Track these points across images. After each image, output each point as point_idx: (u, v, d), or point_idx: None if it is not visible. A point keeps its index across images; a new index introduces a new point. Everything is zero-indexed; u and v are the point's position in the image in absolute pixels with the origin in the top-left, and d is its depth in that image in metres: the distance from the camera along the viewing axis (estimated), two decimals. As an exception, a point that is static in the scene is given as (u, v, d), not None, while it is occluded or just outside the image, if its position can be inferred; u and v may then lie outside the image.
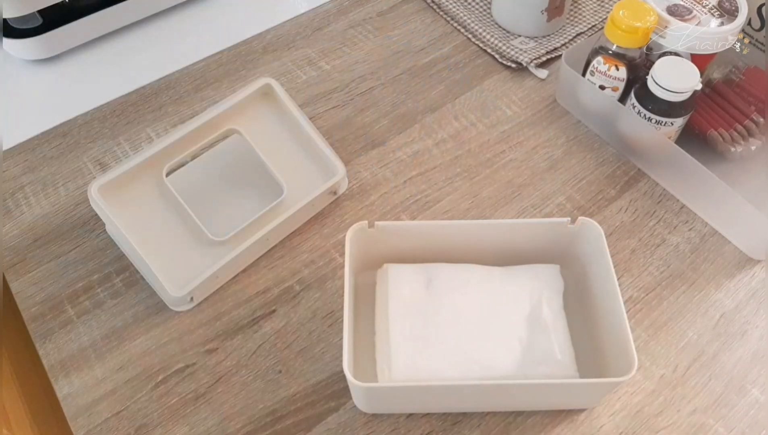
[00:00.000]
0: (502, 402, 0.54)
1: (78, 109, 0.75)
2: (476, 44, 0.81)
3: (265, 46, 0.81)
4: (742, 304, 0.61)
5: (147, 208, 0.59)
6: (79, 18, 0.77)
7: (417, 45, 0.81)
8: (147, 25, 0.83)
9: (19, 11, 0.72)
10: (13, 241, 0.64)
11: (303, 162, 0.65)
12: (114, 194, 0.58)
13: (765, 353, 0.58)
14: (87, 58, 0.80)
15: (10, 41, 0.75)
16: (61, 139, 0.72)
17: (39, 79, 0.78)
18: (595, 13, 0.84)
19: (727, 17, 0.64)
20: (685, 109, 0.63)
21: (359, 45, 0.81)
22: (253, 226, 0.60)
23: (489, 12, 0.84)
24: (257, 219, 0.60)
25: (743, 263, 0.63)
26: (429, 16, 0.84)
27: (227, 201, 0.64)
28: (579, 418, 0.54)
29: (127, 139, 0.72)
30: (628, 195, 0.68)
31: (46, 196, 0.67)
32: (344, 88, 0.77)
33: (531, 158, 0.71)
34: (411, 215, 0.66)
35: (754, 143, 0.67)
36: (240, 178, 0.65)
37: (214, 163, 0.66)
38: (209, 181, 0.65)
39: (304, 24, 0.83)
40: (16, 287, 0.61)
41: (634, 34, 0.63)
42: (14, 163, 0.70)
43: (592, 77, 0.69)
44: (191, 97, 0.76)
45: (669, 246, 0.64)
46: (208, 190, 0.64)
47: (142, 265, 0.58)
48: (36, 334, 0.59)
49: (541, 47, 0.79)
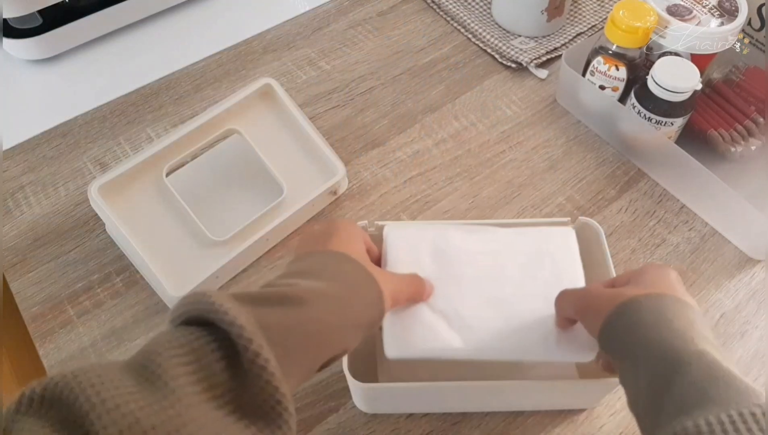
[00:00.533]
0: (502, 402, 0.54)
1: (78, 109, 0.75)
2: (476, 44, 0.81)
3: (265, 46, 0.81)
4: (742, 304, 0.61)
5: (147, 208, 0.59)
6: (79, 18, 0.77)
7: (417, 45, 0.81)
8: (147, 25, 0.83)
9: (19, 11, 0.72)
10: (13, 241, 0.64)
11: (303, 162, 0.65)
12: (114, 194, 0.58)
13: (765, 353, 0.58)
14: (87, 58, 0.80)
15: (10, 41, 0.75)
16: (61, 139, 0.72)
17: (39, 79, 0.78)
18: (595, 13, 0.84)
19: (727, 17, 0.64)
20: (685, 109, 0.63)
21: (359, 45, 0.81)
22: (253, 226, 0.60)
23: (489, 12, 0.84)
24: (257, 219, 0.60)
25: (743, 263, 0.63)
26: (429, 16, 0.84)
27: (227, 201, 0.64)
28: (579, 418, 0.54)
29: (127, 139, 0.72)
30: (628, 195, 0.68)
31: (46, 196, 0.67)
32: (344, 88, 0.77)
33: (531, 158, 0.71)
34: (411, 215, 0.66)
35: (754, 143, 0.67)
36: (240, 178, 0.65)
37: (214, 163, 0.66)
38: (209, 181, 0.65)
39: (304, 24, 0.83)
40: (16, 287, 0.61)
41: (634, 34, 0.63)
42: (14, 163, 0.70)
43: (592, 77, 0.69)
44: (191, 97, 0.76)
45: (669, 246, 0.64)
46: (208, 190, 0.64)
47: (142, 265, 0.58)
48: (36, 334, 0.59)
49: (541, 47, 0.79)
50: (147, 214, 0.59)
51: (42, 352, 0.58)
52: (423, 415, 0.54)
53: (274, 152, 0.63)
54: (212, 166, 0.66)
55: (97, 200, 0.56)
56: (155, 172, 0.59)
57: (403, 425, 0.53)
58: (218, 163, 0.66)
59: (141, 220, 0.59)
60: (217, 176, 0.65)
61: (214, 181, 0.65)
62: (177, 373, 0.31)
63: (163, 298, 0.59)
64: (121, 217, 0.57)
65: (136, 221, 0.58)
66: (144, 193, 0.60)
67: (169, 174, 0.61)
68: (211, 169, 0.66)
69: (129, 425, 0.28)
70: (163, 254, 0.58)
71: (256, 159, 0.62)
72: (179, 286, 0.57)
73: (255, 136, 0.62)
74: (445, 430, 0.53)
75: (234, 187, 0.65)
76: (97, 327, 0.59)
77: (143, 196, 0.60)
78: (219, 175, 0.65)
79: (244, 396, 0.33)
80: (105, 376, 0.29)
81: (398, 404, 0.54)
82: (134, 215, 0.58)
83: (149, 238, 0.58)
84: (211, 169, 0.66)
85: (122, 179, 0.58)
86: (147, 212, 0.59)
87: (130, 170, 0.58)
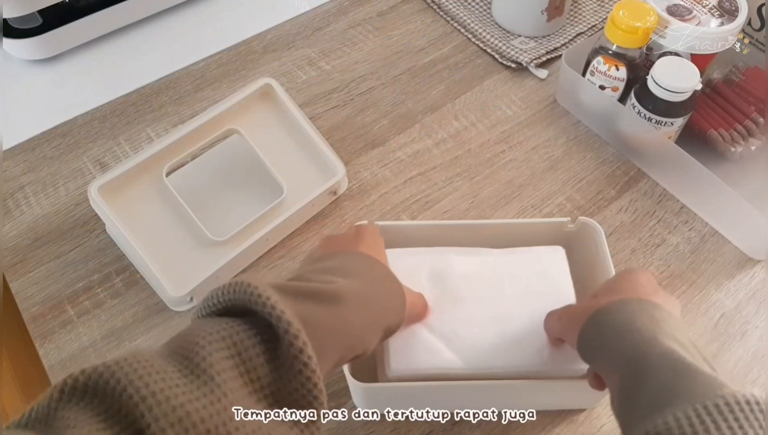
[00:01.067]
0: (501, 402, 0.54)
1: (78, 109, 0.75)
2: (476, 44, 0.81)
3: (265, 46, 0.81)
4: (742, 304, 0.61)
5: (147, 208, 0.59)
6: (79, 18, 0.77)
7: (417, 45, 0.81)
8: (147, 25, 0.83)
9: (19, 11, 0.72)
10: (13, 241, 0.64)
11: (303, 162, 0.65)
12: (114, 194, 0.58)
13: (765, 353, 0.58)
14: (87, 58, 0.80)
15: (10, 41, 0.75)
16: (61, 139, 0.72)
17: (39, 79, 0.78)
18: (595, 13, 0.84)
19: (727, 17, 0.64)
20: (685, 109, 0.63)
21: (359, 45, 0.81)
22: (253, 226, 0.60)
23: (489, 12, 0.84)
24: (257, 219, 0.60)
25: (743, 263, 0.63)
26: (429, 16, 0.84)
27: (227, 201, 0.64)
28: (579, 418, 0.54)
29: (127, 139, 0.72)
30: (628, 195, 0.68)
31: (46, 196, 0.67)
32: (344, 88, 0.77)
33: (531, 158, 0.71)
34: (411, 215, 0.66)
35: (754, 143, 0.67)
36: (240, 178, 0.65)
37: (214, 163, 0.66)
38: (209, 181, 0.65)
39: (304, 24, 0.83)
40: (16, 287, 0.61)
41: (634, 34, 0.63)
42: (14, 163, 0.70)
43: (592, 77, 0.69)
44: (191, 97, 0.76)
45: (669, 246, 0.64)
46: (208, 190, 0.64)
47: (142, 265, 0.58)
48: (36, 334, 0.59)
49: (541, 47, 0.79)
50: (147, 214, 0.59)
51: (42, 352, 0.58)
52: (423, 415, 0.54)
53: (274, 152, 0.63)
54: (212, 166, 0.66)
55: (97, 200, 0.56)
56: (155, 172, 0.59)
57: (403, 425, 0.53)
58: (218, 163, 0.66)
59: (141, 220, 0.59)
60: (217, 176, 0.65)
61: (214, 181, 0.65)
62: (222, 368, 0.31)
63: (163, 298, 0.59)
64: (121, 217, 0.57)
65: (136, 221, 0.58)
66: (144, 193, 0.60)
67: (169, 174, 0.61)
68: (211, 169, 0.66)
69: (179, 418, 0.28)
70: (163, 254, 0.58)
71: (256, 159, 0.62)
72: (179, 286, 0.57)
73: (255, 136, 0.62)
74: (445, 430, 0.53)
75: (234, 187, 0.65)
76: (97, 327, 0.59)
77: (143, 196, 0.60)
78: (219, 175, 0.65)
79: (283, 390, 0.33)
80: (150, 367, 0.29)
81: (398, 404, 0.54)
82: (134, 215, 0.58)
83: (149, 238, 0.58)
84: (211, 169, 0.66)
85: (122, 179, 0.58)
86: (147, 212, 0.59)
87: (130, 170, 0.58)
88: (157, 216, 0.60)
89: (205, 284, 0.58)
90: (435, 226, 0.58)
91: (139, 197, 0.59)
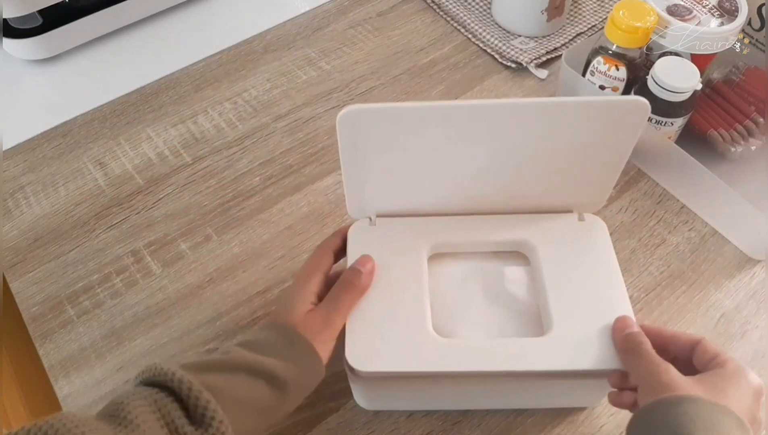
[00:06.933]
0: (502, 400, 0.54)
1: (78, 109, 0.75)
2: (476, 44, 0.81)
3: (265, 46, 0.81)
4: (742, 304, 0.61)
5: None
6: (79, 18, 0.77)
7: (417, 45, 0.81)
8: (147, 25, 0.83)
9: (19, 11, 0.72)
10: (13, 241, 0.64)
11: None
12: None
13: (765, 353, 0.58)
14: (87, 58, 0.80)
15: (10, 41, 0.75)
16: (61, 139, 0.72)
17: (39, 79, 0.78)
18: (595, 13, 0.84)
19: (727, 17, 0.64)
20: (685, 109, 0.63)
21: (359, 45, 0.81)
22: None
23: (489, 12, 0.84)
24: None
25: (743, 263, 0.63)
26: (429, 16, 0.84)
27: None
28: (579, 417, 0.54)
29: (127, 139, 0.72)
30: (628, 195, 0.68)
31: (46, 196, 0.67)
32: (344, 88, 0.77)
33: (531, 158, 0.71)
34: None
35: (754, 143, 0.67)
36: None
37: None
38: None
39: (304, 24, 0.83)
40: (16, 287, 0.61)
41: (634, 34, 0.63)
42: (14, 163, 0.70)
43: (592, 77, 0.69)
44: (191, 97, 0.76)
45: (669, 246, 0.64)
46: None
47: None
48: (36, 334, 0.59)
49: (541, 47, 0.79)
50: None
51: (42, 352, 0.58)
52: (423, 415, 0.54)
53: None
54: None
55: None
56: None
57: (403, 425, 0.53)
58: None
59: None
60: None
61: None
62: (144, 418, 0.37)
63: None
64: None
65: None
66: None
67: None
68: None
69: None
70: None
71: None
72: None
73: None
74: (445, 429, 0.53)
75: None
76: (97, 327, 0.59)
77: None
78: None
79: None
80: (85, 424, 0.35)
81: (398, 400, 0.54)
82: None
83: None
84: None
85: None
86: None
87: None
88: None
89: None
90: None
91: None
